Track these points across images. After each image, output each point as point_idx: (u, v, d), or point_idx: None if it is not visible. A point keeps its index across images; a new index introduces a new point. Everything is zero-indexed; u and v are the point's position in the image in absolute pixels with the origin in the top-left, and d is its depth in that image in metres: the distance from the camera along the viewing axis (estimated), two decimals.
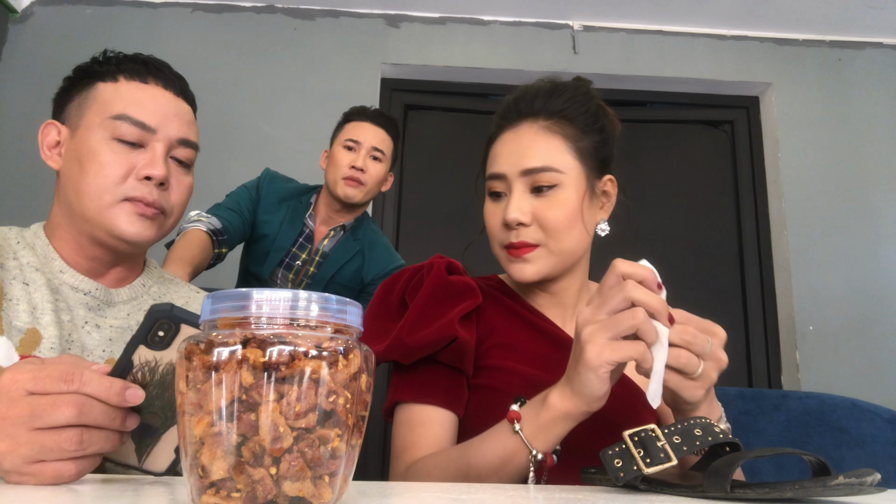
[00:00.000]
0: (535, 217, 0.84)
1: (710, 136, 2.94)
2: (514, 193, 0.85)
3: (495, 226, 0.88)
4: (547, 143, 0.86)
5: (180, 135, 0.89)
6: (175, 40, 2.68)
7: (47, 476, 0.50)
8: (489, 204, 0.90)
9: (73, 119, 0.88)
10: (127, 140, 0.85)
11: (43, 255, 0.87)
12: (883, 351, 2.54)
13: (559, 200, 0.84)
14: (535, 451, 0.67)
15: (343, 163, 1.74)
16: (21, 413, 0.50)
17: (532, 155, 0.85)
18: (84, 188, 0.84)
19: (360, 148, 1.74)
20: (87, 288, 0.86)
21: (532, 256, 0.85)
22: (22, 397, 0.50)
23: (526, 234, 0.85)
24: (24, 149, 2.47)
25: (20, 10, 2.66)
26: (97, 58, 0.91)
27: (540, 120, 0.87)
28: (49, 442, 0.49)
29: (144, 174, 0.84)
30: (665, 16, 2.79)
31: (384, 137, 1.78)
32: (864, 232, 2.66)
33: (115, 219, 0.84)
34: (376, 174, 1.77)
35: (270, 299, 0.41)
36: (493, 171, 0.88)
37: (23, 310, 0.80)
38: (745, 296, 2.72)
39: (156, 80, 0.89)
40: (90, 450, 0.51)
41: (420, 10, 2.78)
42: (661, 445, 0.55)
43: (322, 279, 1.78)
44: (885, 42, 2.87)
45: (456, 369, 0.84)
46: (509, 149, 0.87)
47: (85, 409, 0.50)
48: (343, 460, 0.41)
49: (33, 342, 0.79)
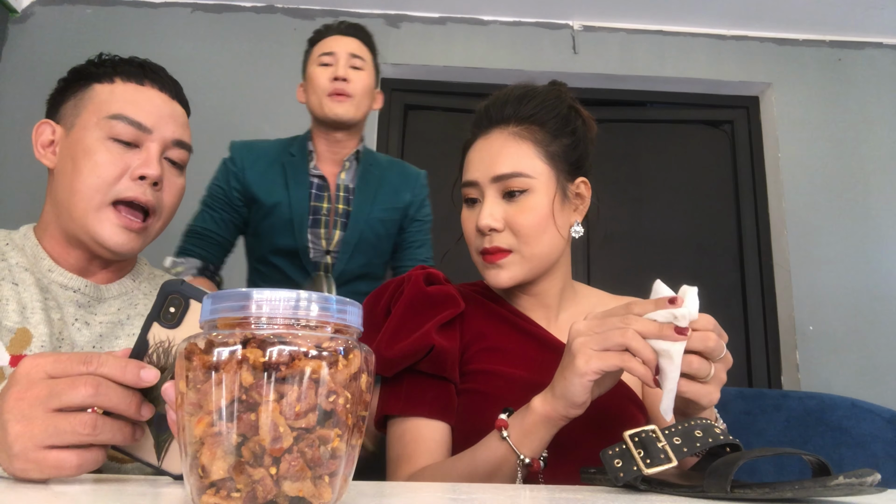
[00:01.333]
0: (507, 222, 0.86)
1: (710, 136, 2.94)
2: (487, 200, 0.86)
3: (471, 232, 0.90)
4: (517, 148, 0.87)
5: (175, 136, 0.89)
6: (175, 40, 2.68)
7: (50, 465, 0.50)
8: (465, 211, 0.92)
9: (69, 118, 0.89)
10: (122, 139, 0.85)
11: (32, 255, 0.87)
12: (883, 351, 2.54)
13: (530, 205, 0.85)
14: (522, 456, 0.69)
15: (322, 80, 1.55)
16: (39, 394, 0.51)
17: (502, 161, 0.86)
18: (77, 186, 0.84)
19: (337, 58, 1.56)
20: (77, 285, 0.87)
21: (506, 262, 0.86)
22: (41, 380, 0.51)
23: (499, 240, 0.86)
24: (24, 149, 2.46)
25: (20, 10, 2.66)
26: (93, 60, 0.92)
27: (510, 126, 0.89)
28: (64, 423, 0.50)
29: (139, 174, 0.85)
30: (665, 16, 2.79)
31: (359, 45, 1.61)
32: (864, 232, 2.66)
33: (99, 225, 0.84)
34: (362, 84, 1.57)
35: (270, 299, 0.41)
36: (467, 179, 0.90)
37: (12, 310, 0.81)
38: (745, 296, 2.72)
39: (151, 82, 0.90)
40: (102, 437, 0.52)
41: (420, 10, 2.78)
42: (662, 446, 0.56)
43: (360, 218, 1.56)
44: (885, 42, 2.87)
45: (442, 378, 0.85)
46: (480, 156, 0.89)
47: (102, 390, 0.51)
48: (343, 460, 0.41)
49: (24, 341, 0.79)
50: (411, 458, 0.81)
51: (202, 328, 0.43)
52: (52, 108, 0.92)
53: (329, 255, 1.52)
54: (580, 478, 0.65)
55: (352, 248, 1.53)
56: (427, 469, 0.78)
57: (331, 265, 1.52)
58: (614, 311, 0.65)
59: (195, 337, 0.41)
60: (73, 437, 0.50)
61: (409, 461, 0.80)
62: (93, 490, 0.50)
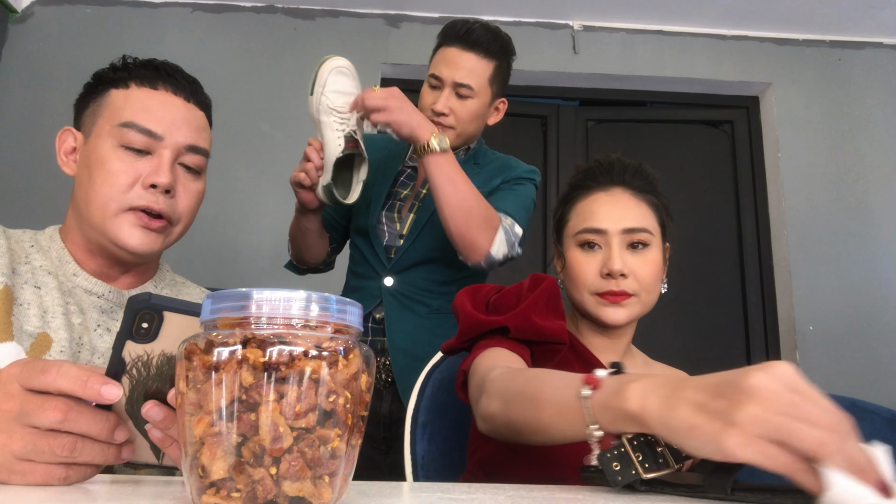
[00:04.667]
0: (631, 270, 0.97)
1: (710, 136, 2.94)
2: (614, 248, 0.97)
3: (590, 274, 0.99)
4: (641, 208, 1.01)
5: (188, 141, 0.89)
6: (175, 40, 2.68)
7: (37, 477, 0.49)
8: (581, 254, 1.00)
9: (87, 126, 0.89)
10: (134, 147, 0.85)
11: (57, 257, 0.87)
12: (883, 351, 2.54)
13: (651, 258, 0.99)
14: (592, 426, 0.58)
15: (425, 104, 1.44)
16: (12, 408, 0.49)
17: (631, 216, 0.99)
18: (92, 196, 0.85)
19: (442, 84, 1.43)
20: (101, 291, 0.87)
21: (627, 303, 0.97)
22: (18, 392, 0.50)
23: (625, 285, 0.96)
24: (24, 148, 2.47)
25: (20, 10, 2.66)
26: (115, 63, 0.91)
27: (630, 189, 1.02)
28: (42, 444, 0.49)
29: (150, 182, 0.85)
30: (665, 16, 2.79)
31: (474, 65, 1.43)
32: (864, 232, 2.66)
33: (119, 229, 0.84)
34: (465, 114, 1.44)
35: (270, 299, 0.41)
36: (593, 226, 0.99)
37: (34, 314, 0.80)
38: (745, 296, 2.72)
39: (165, 85, 0.90)
40: (81, 459, 0.50)
41: (420, 10, 2.78)
42: (661, 451, 0.55)
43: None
44: (885, 42, 2.87)
45: None
46: (607, 208, 1.00)
47: (71, 416, 0.49)
48: (343, 460, 0.41)
49: (44, 346, 0.79)
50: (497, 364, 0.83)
51: (202, 328, 0.43)
52: (76, 114, 0.93)
53: (402, 238, 1.46)
54: (580, 477, 0.65)
55: (420, 229, 1.44)
56: (511, 370, 0.78)
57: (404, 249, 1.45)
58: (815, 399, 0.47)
59: (195, 337, 0.41)
60: (52, 458, 0.49)
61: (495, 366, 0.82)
62: (92, 490, 0.50)
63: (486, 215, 1.31)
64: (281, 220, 1.77)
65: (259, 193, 2.57)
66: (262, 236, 2.51)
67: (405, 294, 1.42)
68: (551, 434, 0.65)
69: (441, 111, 1.41)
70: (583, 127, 2.92)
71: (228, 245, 2.52)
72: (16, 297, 0.81)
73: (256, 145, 2.62)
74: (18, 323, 0.79)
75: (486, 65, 1.45)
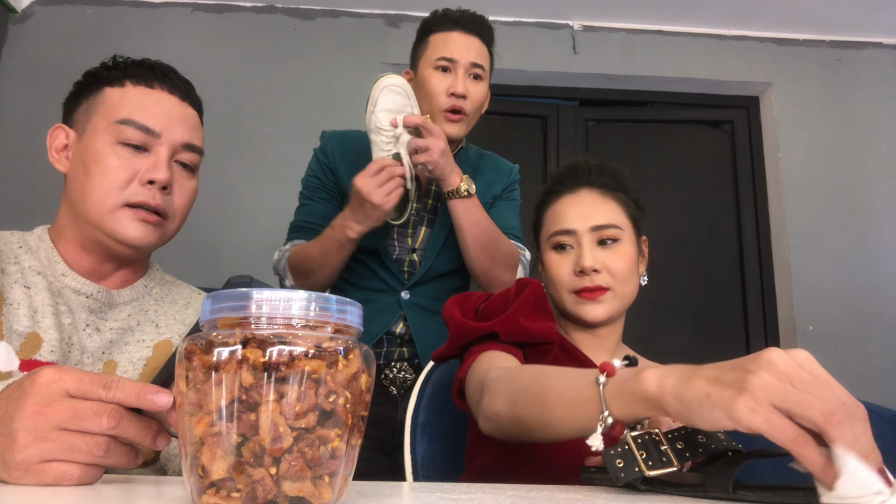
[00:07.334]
0: (604, 265, 1.00)
1: (710, 136, 2.94)
2: (585, 246, 1.00)
3: (564, 273, 1.02)
4: (608, 205, 1.04)
5: (185, 139, 0.89)
6: (175, 40, 2.68)
7: (49, 477, 0.50)
8: (556, 256, 1.04)
9: (81, 123, 0.89)
10: (131, 144, 0.86)
11: (46, 257, 0.87)
12: (883, 351, 2.54)
13: (622, 252, 1.01)
14: (606, 412, 0.58)
15: (439, 89, 1.36)
16: (59, 413, 0.50)
17: (599, 214, 1.02)
18: (88, 192, 0.84)
19: (457, 66, 1.36)
20: (90, 291, 0.87)
21: (603, 299, 1.00)
22: (62, 398, 0.51)
23: (599, 279, 0.99)
24: (23, 148, 2.47)
25: (20, 10, 2.66)
26: (106, 63, 0.92)
27: (597, 188, 1.05)
28: (80, 443, 0.50)
29: (148, 178, 0.85)
30: (665, 16, 2.79)
31: (480, 47, 1.41)
32: (864, 232, 2.66)
33: (118, 223, 0.84)
34: (479, 98, 1.39)
35: (270, 299, 0.41)
36: (563, 228, 1.03)
37: (23, 314, 0.80)
38: (745, 296, 2.72)
39: (161, 84, 0.90)
40: (110, 461, 0.52)
41: (420, 10, 2.78)
42: (664, 450, 0.55)
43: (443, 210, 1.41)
44: (885, 42, 2.87)
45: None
46: (576, 210, 1.03)
47: (123, 423, 0.51)
48: (343, 460, 0.41)
49: (34, 346, 0.79)
50: (496, 365, 0.84)
51: (202, 328, 0.43)
52: (66, 112, 0.93)
53: (415, 252, 1.42)
54: (580, 477, 0.65)
55: (439, 245, 1.41)
56: (513, 368, 0.79)
57: (417, 262, 1.41)
58: (830, 383, 0.47)
59: (195, 337, 0.41)
60: (86, 457, 0.51)
61: (494, 367, 0.83)
62: (93, 490, 0.50)
63: (509, 255, 1.34)
64: (280, 219, 1.76)
65: (258, 193, 2.56)
66: (261, 236, 2.51)
67: (423, 307, 1.41)
68: (559, 428, 0.65)
69: (463, 93, 1.36)
70: (583, 127, 2.91)
71: (228, 244, 2.52)
72: (5, 296, 0.81)
73: (256, 145, 2.62)
74: (8, 322, 0.79)
75: (486, 50, 1.46)
